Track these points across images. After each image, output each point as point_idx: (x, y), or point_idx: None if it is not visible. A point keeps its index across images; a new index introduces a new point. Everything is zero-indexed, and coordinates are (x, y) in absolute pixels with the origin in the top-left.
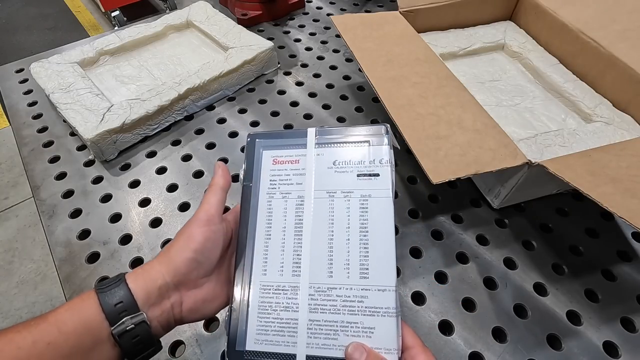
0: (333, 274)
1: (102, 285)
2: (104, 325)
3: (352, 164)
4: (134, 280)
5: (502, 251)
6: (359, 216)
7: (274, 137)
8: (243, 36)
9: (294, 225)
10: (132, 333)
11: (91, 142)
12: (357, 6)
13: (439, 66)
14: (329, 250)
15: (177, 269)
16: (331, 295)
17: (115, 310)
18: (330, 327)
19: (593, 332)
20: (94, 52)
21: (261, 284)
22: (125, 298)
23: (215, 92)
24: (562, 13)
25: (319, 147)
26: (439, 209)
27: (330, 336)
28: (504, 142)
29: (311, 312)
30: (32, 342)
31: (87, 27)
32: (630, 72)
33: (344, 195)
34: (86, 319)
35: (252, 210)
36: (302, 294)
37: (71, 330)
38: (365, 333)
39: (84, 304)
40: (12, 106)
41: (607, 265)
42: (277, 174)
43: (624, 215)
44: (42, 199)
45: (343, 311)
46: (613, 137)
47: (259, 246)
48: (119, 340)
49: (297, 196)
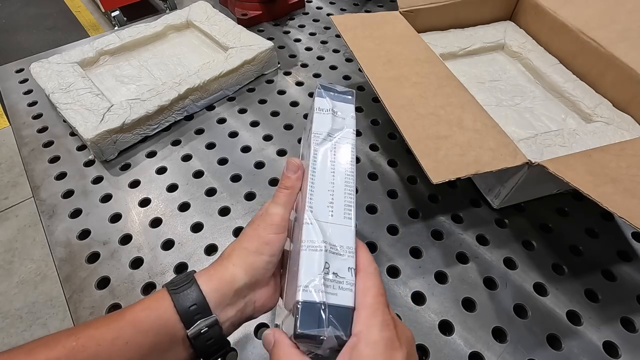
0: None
1: (174, 285)
2: (179, 327)
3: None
4: (206, 282)
5: (502, 251)
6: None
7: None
8: (243, 36)
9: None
10: (206, 336)
11: (91, 142)
12: (357, 6)
13: (439, 66)
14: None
15: (256, 272)
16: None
17: (189, 313)
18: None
19: (593, 332)
20: (94, 52)
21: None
22: (198, 301)
23: (215, 92)
24: (562, 13)
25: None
26: (439, 209)
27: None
28: (504, 142)
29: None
30: (112, 339)
31: (87, 27)
32: (630, 72)
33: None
34: (162, 319)
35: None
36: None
37: (148, 329)
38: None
39: (159, 304)
40: (12, 106)
41: (607, 265)
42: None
43: (624, 215)
44: (42, 199)
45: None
46: (613, 137)
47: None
48: (195, 342)
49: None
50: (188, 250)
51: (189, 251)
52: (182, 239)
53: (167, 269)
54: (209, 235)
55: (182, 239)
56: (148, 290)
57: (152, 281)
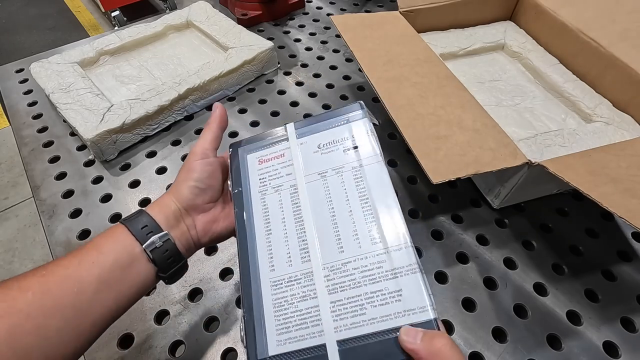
0: (344, 249)
1: (125, 218)
2: (136, 245)
3: (336, 143)
4: (152, 209)
5: (502, 251)
6: (355, 186)
7: (255, 140)
8: (243, 36)
9: (293, 214)
10: (161, 249)
11: (91, 142)
12: (357, 6)
13: (439, 66)
14: (334, 227)
15: (183, 196)
16: (347, 270)
17: (142, 232)
18: (355, 303)
19: (593, 332)
20: (94, 52)
21: (271, 281)
22: (148, 222)
23: (215, 92)
24: (562, 13)
25: (301, 137)
26: (439, 209)
27: (357, 312)
28: (504, 142)
29: (331, 294)
30: (78, 262)
31: (87, 27)
32: (630, 72)
33: (335, 172)
34: (119, 240)
35: (247, 213)
36: (317, 277)
37: (109, 250)
38: (393, 298)
39: (115, 231)
40: (12, 106)
41: (607, 265)
42: (265, 171)
43: (624, 215)
44: (42, 199)
45: (364, 282)
46: (613, 137)
47: (261, 245)
48: (152, 255)
49: (289, 186)
50: None
51: None
52: None
53: None
54: None
55: None
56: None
57: None
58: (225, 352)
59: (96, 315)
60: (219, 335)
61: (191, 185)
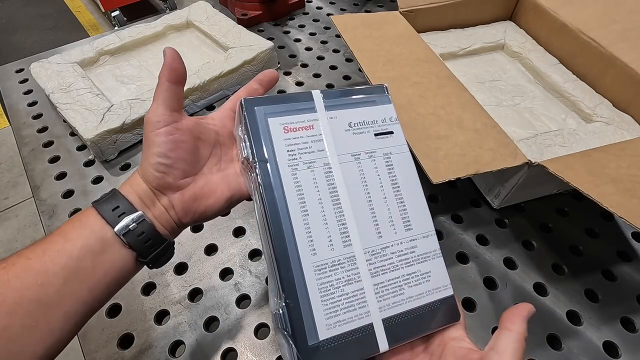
0: (382, 234)
1: (97, 200)
2: (106, 228)
3: (367, 124)
4: (126, 188)
5: (502, 251)
6: (387, 173)
7: (274, 102)
8: (243, 36)
9: (330, 195)
10: (135, 231)
11: (91, 142)
12: (357, 6)
13: (439, 66)
14: (372, 212)
15: (148, 175)
16: (386, 255)
17: (113, 214)
18: (395, 284)
19: (593, 332)
20: (94, 52)
21: (314, 266)
22: (121, 203)
23: (215, 92)
24: (562, 13)
25: (330, 110)
26: (439, 209)
27: (397, 293)
28: (504, 142)
29: (374, 277)
30: (41, 251)
31: (87, 27)
32: (630, 72)
33: (368, 156)
34: (88, 225)
35: (277, 190)
36: (360, 262)
37: (76, 236)
38: (424, 279)
39: (83, 216)
40: (12, 106)
41: (607, 265)
42: (294, 142)
43: (624, 215)
44: (42, 199)
45: (401, 266)
46: (613, 137)
47: (298, 226)
48: (126, 239)
49: (322, 164)
50: (188, 250)
51: (189, 251)
52: (181, 238)
53: (166, 269)
54: (208, 236)
55: (181, 238)
56: (148, 290)
57: (152, 281)
58: (225, 352)
59: (67, 307)
60: (219, 335)
61: (153, 162)
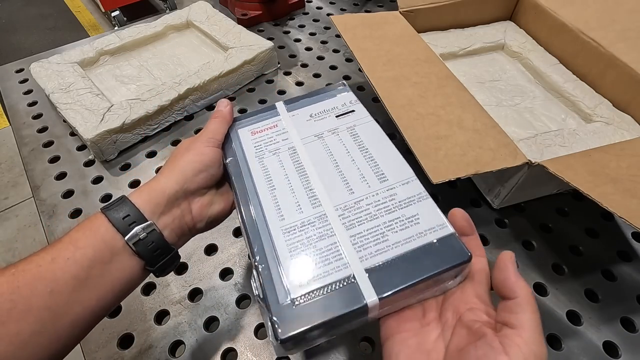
0: (354, 190)
1: (106, 206)
2: (117, 237)
3: (328, 112)
4: (137, 197)
5: (502, 251)
6: (353, 141)
7: (244, 117)
8: (243, 36)
9: (296, 170)
10: (145, 241)
11: (91, 142)
12: (357, 6)
13: (439, 66)
14: (340, 175)
15: (187, 178)
16: (361, 207)
17: (124, 223)
18: (375, 233)
19: (593, 332)
20: (94, 52)
21: (282, 229)
22: (131, 212)
23: (215, 92)
24: (562, 13)
25: (291, 111)
26: (439, 209)
27: (379, 240)
28: (504, 142)
29: (349, 229)
30: (51, 259)
31: (87, 27)
32: (630, 72)
33: (332, 132)
34: (98, 233)
35: (246, 176)
36: (332, 218)
37: (87, 245)
38: (411, 222)
39: (93, 223)
40: (12, 106)
41: (607, 265)
42: (260, 140)
43: (624, 215)
44: (42, 199)
45: (379, 214)
46: (613, 137)
47: (265, 199)
48: (136, 248)
49: (287, 148)
50: (188, 250)
51: (189, 251)
52: None
53: None
54: (208, 235)
55: None
56: (148, 291)
57: (152, 281)
58: (225, 352)
59: (75, 315)
60: (219, 335)
61: (198, 168)
